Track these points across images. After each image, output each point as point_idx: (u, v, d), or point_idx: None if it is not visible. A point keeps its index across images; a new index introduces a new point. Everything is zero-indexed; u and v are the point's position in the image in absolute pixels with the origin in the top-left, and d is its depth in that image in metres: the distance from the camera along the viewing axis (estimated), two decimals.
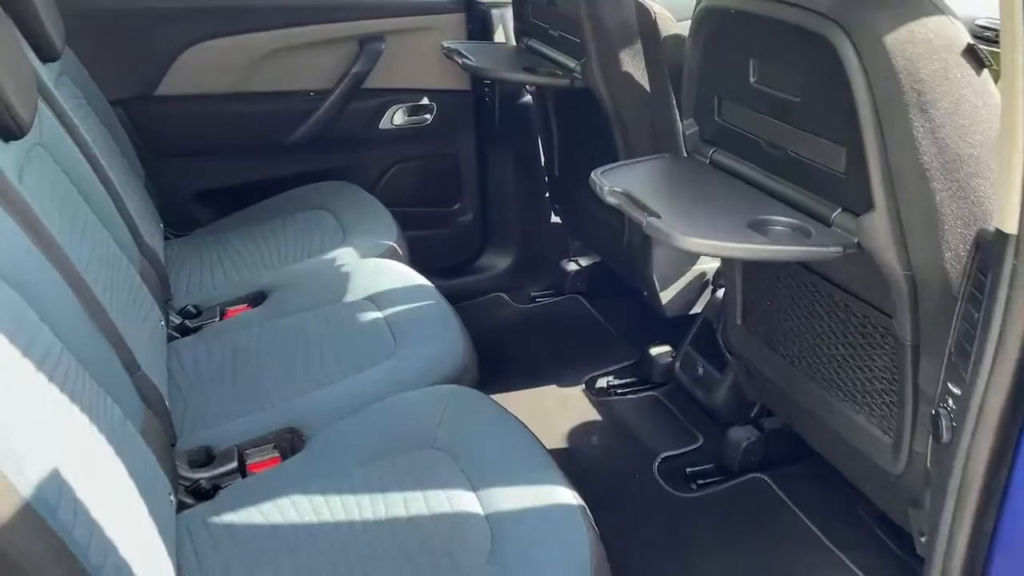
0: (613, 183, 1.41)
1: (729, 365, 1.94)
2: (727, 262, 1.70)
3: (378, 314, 1.81)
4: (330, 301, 1.88)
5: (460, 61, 2.13)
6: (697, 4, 1.45)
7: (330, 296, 1.90)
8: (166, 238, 2.30)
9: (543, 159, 2.65)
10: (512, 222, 2.81)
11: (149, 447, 1.24)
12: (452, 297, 2.71)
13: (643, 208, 1.32)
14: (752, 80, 1.38)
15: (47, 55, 1.80)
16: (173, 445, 1.47)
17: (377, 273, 1.97)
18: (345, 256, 2.06)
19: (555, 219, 2.76)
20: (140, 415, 1.29)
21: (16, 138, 1.34)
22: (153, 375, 1.52)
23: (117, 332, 1.37)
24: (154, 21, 2.32)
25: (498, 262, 2.84)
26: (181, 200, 2.46)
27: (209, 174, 2.49)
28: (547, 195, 2.72)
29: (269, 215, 2.33)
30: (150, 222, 2.09)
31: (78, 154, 1.66)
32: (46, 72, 1.81)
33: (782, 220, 1.29)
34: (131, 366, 1.37)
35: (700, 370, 2.12)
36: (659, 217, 1.27)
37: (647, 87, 1.92)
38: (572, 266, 2.79)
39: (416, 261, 2.64)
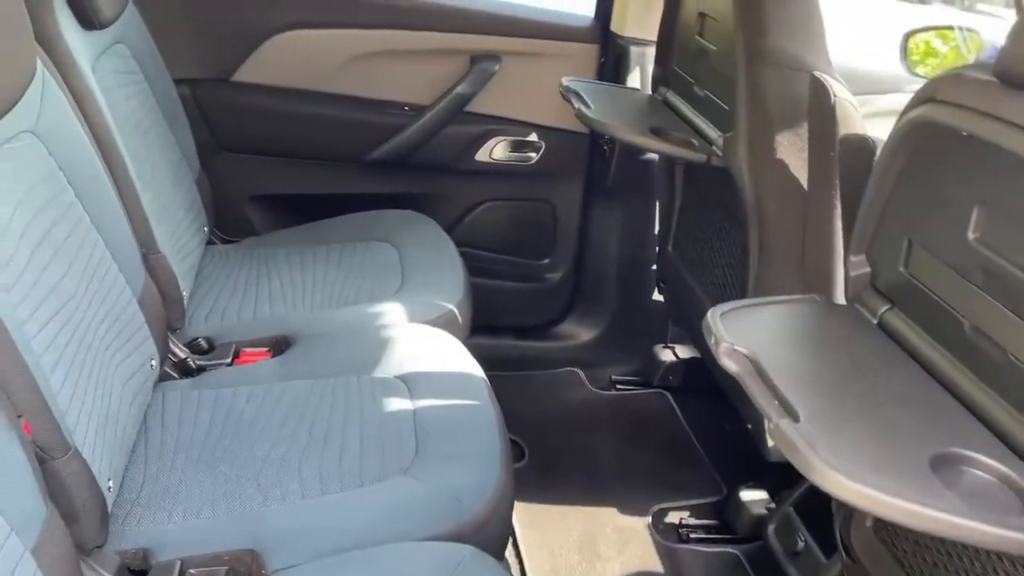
0: (735, 336, 1.00)
1: (840, 553, 1.49)
2: None
3: (407, 404, 1.45)
4: (357, 370, 1.54)
5: (576, 106, 1.74)
6: (905, 112, 1.01)
7: (359, 364, 1.56)
8: (211, 242, 2.01)
9: (657, 227, 2.23)
10: (607, 290, 2.40)
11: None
12: (522, 362, 2.40)
13: (774, 394, 0.90)
14: (971, 235, 0.94)
15: (88, 22, 1.52)
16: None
17: (422, 347, 1.61)
18: (392, 314, 1.71)
19: (658, 297, 2.34)
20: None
21: None
22: (130, 418, 1.31)
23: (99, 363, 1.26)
24: None
25: (582, 332, 2.43)
26: (236, 202, 2.17)
27: (272, 178, 2.18)
28: (654, 268, 2.30)
29: (327, 237, 2.01)
30: (186, 228, 1.80)
31: (87, 145, 1.36)
32: (85, 40, 1.53)
33: (984, 463, 0.85)
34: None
35: (800, 543, 1.67)
36: (797, 420, 0.85)
37: (804, 186, 1.48)
38: (667, 355, 2.37)
39: (489, 312, 2.31)
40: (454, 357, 1.60)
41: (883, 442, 0.86)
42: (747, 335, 1.01)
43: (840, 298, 1.19)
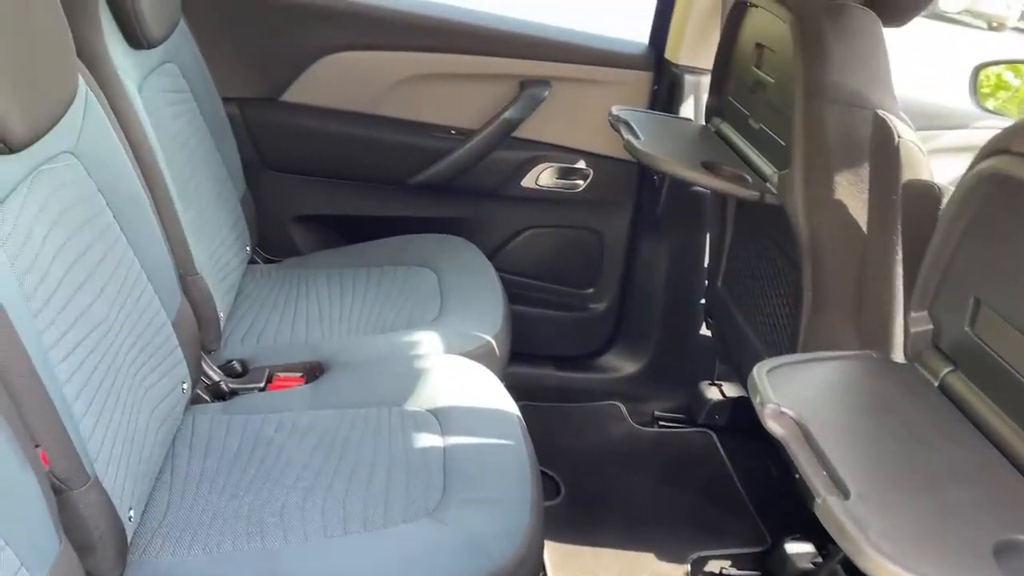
0: (783, 396, 0.93)
1: None
2: None
3: (437, 440, 1.41)
4: (389, 402, 1.50)
5: (625, 137, 1.69)
6: (976, 162, 0.94)
7: (391, 396, 1.52)
8: (253, 261, 2.01)
9: (707, 260, 2.16)
10: (653, 323, 2.33)
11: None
12: (561, 393, 2.34)
13: (822, 464, 0.83)
14: None
15: (137, 41, 1.52)
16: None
17: (456, 380, 1.56)
18: (428, 344, 1.67)
19: (705, 332, 2.26)
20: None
21: (9, 151, 1.03)
22: (156, 445, 1.28)
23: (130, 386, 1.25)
24: (297, 18, 2.02)
25: (625, 365, 2.36)
26: (280, 221, 2.16)
27: (316, 198, 2.17)
28: (702, 302, 2.23)
29: (368, 260, 1.99)
30: (228, 247, 1.79)
31: (128, 166, 1.35)
32: (134, 59, 1.53)
33: None
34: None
35: None
36: (847, 496, 0.78)
37: (863, 228, 1.40)
38: (713, 393, 2.28)
39: (529, 341, 2.26)
40: (488, 392, 1.55)
41: (941, 525, 0.79)
42: (795, 395, 0.94)
43: (898, 354, 1.11)
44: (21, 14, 1.05)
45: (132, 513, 1.18)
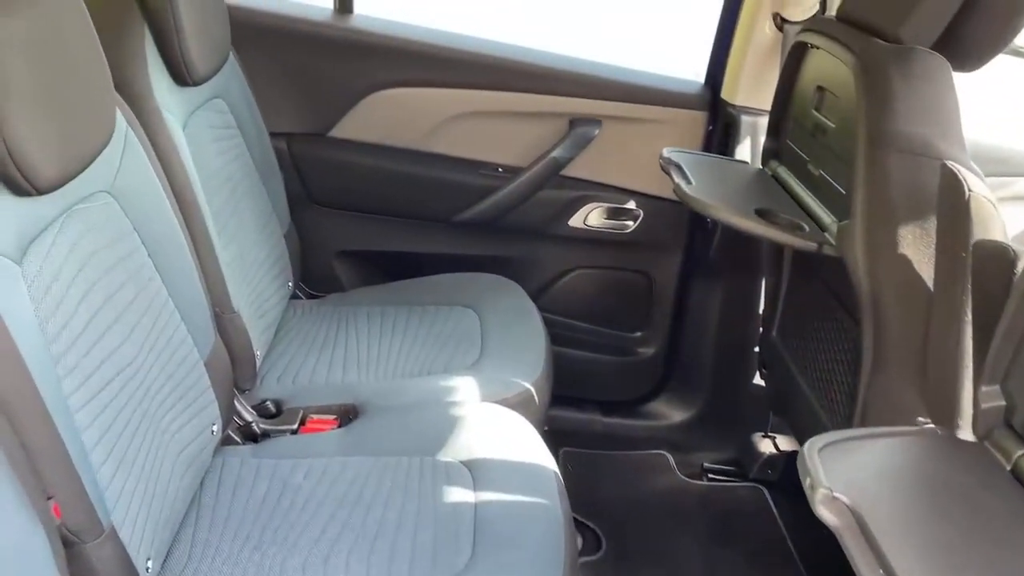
0: (836, 479, 0.85)
1: None
2: None
3: (468, 495, 1.35)
4: (421, 451, 1.46)
5: (676, 181, 1.62)
6: None
7: (424, 444, 1.47)
8: (296, 296, 1.99)
9: (762, 307, 2.06)
10: (704, 370, 2.24)
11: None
12: (606, 440, 2.26)
13: (878, 560, 0.75)
14: None
15: (182, 79, 1.52)
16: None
17: (492, 430, 1.51)
18: (465, 390, 1.62)
19: (759, 381, 2.16)
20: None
21: (29, 195, 1.01)
22: (181, 490, 1.26)
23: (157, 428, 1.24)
24: (347, 55, 2.01)
25: (674, 413, 2.28)
26: (323, 256, 2.14)
27: (361, 234, 2.15)
28: (756, 350, 2.13)
29: (411, 298, 1.96)
30: (268, 283, 1.77)
31: (166, 204, 1.34)
32: (180, 96, 1.53)
33: None
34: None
35: None
36: None
37: (929, 286, 1.31)
38: (766, 446, 2.18)
39: (574, 384, 2.20)
40: (525, 444, 1.49)
41: None
42: (850, 477, 0.86)
43: (966, 430, 1.01)
44: (58, 56, 1.05)
45: (151, 564, 1.14)
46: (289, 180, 2.00)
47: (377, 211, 2.13)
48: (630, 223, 2.12)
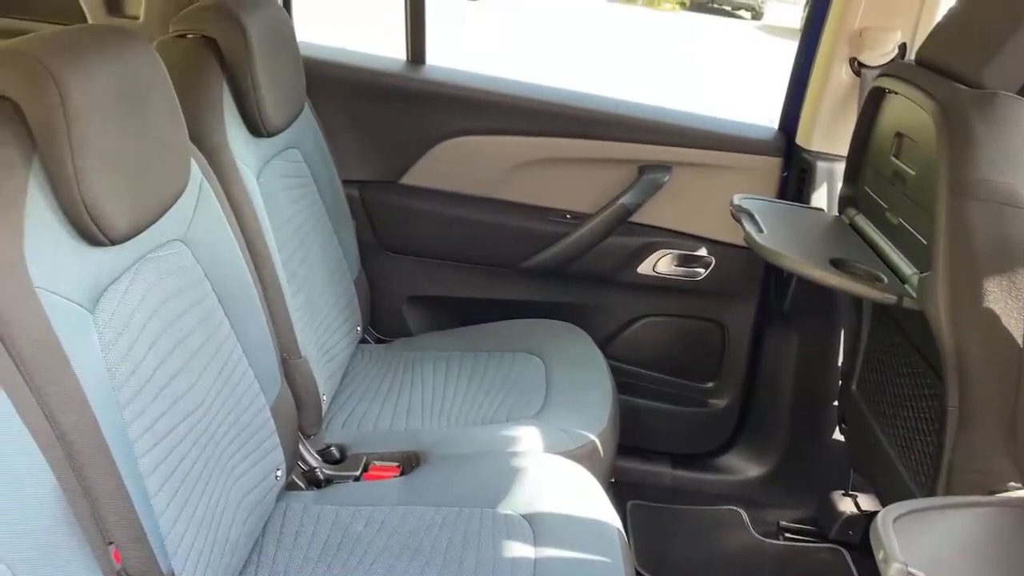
0: (912, 552, 0.79)
1: None
2: None
3: (528, 551, 1.32)
4: (482, 503, 1.43)
5: (746, 229, 1.58)
6: None
7: (485, 496, 1.45)
8: (365, 341, 2.01)
9: (841, 359, 1.98)
10: (780, 423, 2.16)
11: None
12: (676, 494, 2.19)
13: None
14: None
15: (257, 131, 1.56)
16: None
17: (554, 484, 1.47)
18: (528, 440, 1.59)
19: (839, 437, 2.06)
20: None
21: (102, 245, 1.05)
22: (243, 536, 1.27)
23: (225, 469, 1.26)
24: (419, 105, 2.05)
25: (748, 468, 2.19)
26: (393, 302, 2.16)
27: (429, 280, 2.16)
28: (835, 404, 2.04)
29: (477, 344, 1.95)
30: (336, 329, 1.80)
31: (237, 252, 1.37)
32: (255, 148, 1.57)
33: None
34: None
35: None
36: None
37: (1018, 342, 1.23)
38: (847, 505, 2.07)
39: (642, 435, 2.15)
40: (588, 499, 1.45)
41: None
42: (928, 551, 0.80)
43: None
44: (136, 111, 1.09)
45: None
46: (361, 227, 2.04)
47: (446, 257, 2.14)
48: (701, 270, 2.08)
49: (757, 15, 16.59)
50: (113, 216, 1.03)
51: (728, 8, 16.81)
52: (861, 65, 1.86)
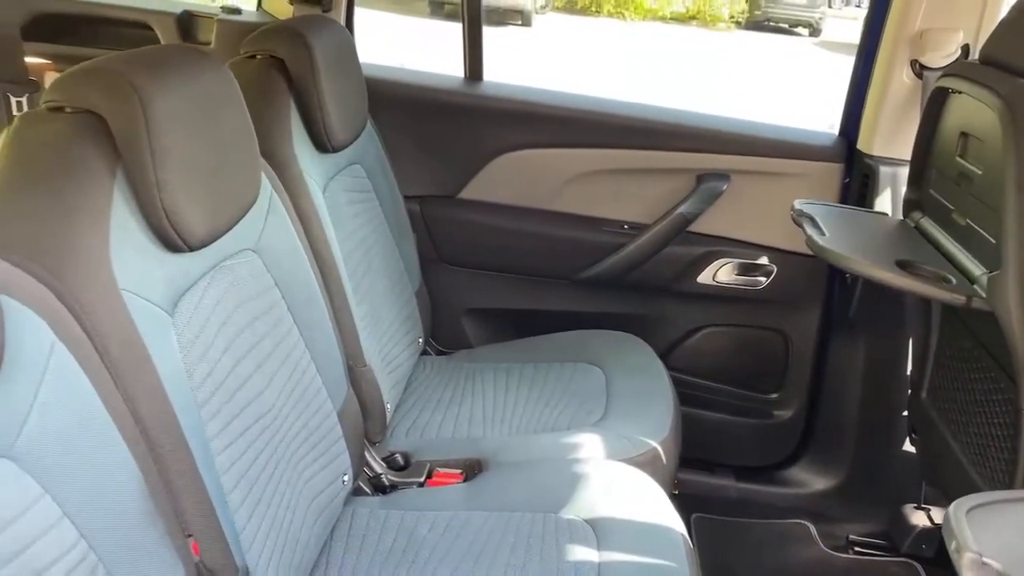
0: (986, 543, 0.77)
1: None
2: None
3: (592, 555, 1.32)
4: (545, 508, 1.44)
5: (808, 233, 1.56)
6: None
7: (548, 501, 1.46)
8: (426, 352, 2.04)
9: (909, 367, 1.94)
10: (847, 435, 2.11)
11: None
12: (741, 507, 2.16)
13: None
14: None
15: (323, 147, 1.62)
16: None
17: (617, 489, 1.47)
18: (590, 447, 1.60)
19: (910, 448, 2.01)
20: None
21: (181, 251, 1.10)
22: (312, 538, 1.30)
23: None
24: (477, 120, 2.10)
25: (814, 481, 2.15)
26: (453, 314, 2.19)
27: (488, 292, 2.19)
28: (904, 414, 1.99)
29: (536, 355, 1.97)
30: (399, 340, 1.83)
31: (306, 262, 1.42)
32: (321, 163, 1.63)
33: None
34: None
35: None
36: None
37: None
38: (919, 518, 2.01)
39: (705, 447, 2.13)
40: (652, 504, 1.45)
41: None
42: (1003, 542, 0.78)
43: None
44: (212, 126, 1.14)
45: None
46: (421, 241, 2.08)
47: (505, 270, 2.17)
48: (763, 279, 2.06)
49: (815, 32, 16.36)
50: (191, 223, 1.08)
51: (785, 26, 16.64)
52: (923, 67, 1.83)
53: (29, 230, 0.94)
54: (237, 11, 2.24)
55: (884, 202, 1.88)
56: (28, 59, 1.91)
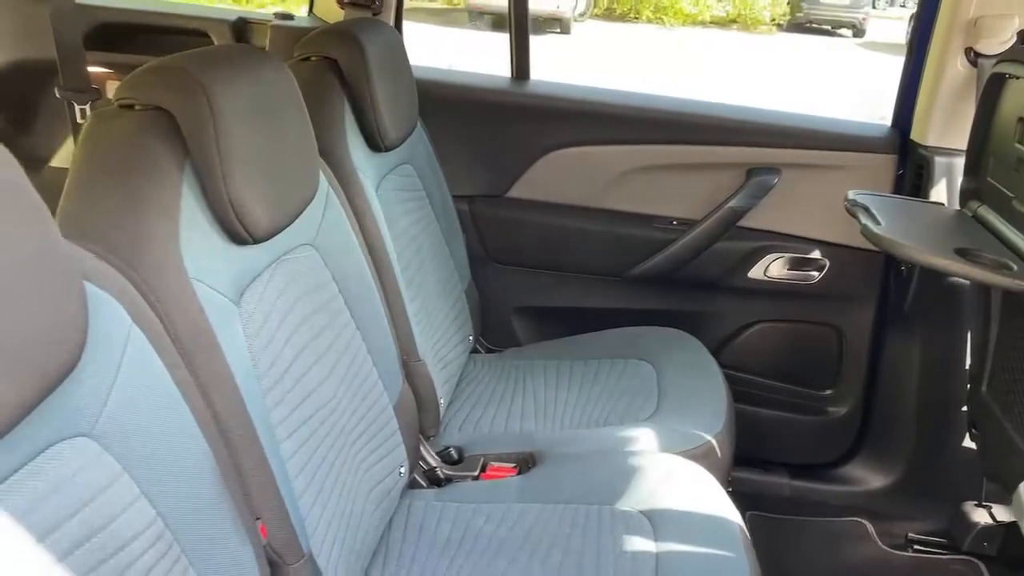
0: None
1: None
2: None
3: (649, 545, 1.32)
4: (599, 500, 1.44)
5: (863, 222, 1.55)
6: None
7: (602, 493, 1.46)
8: (476, 351, 2.06)
9: (968, 362, 1.90)
10: (904, 431, 2.07)
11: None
12: (796, 506, 2.13)
13: None
14: None
15: (375, 146, 1.65)
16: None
17: (672, 481, 1.47)
18: (643, 441, 1.60)
19: (969, 444, 1.97)
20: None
21: (246, 243, 1.13)
22: (371, 527, 1.31)
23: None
24: (524, 119, 2.11)
25: (871, 478, 2.11)
26: (502, 312, 2.20)
27: (537, 290, 2.20)
28: (963, 409, 1.95)
29: (586, 352, 1.97)
30: (450, 337, 1.85)
31: (361, 258, 1.45)
32: (373, 161, 1.66)
33: None
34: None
35: None
36: None
37: None
38: (981, 516, 1.95)
39: (759, 444, 2.11)
40: (708, 496, 1.44)
41: None
42: None
43: None
44: (273, 122, 1.18)
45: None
46: (470, 240, 2.10)
47: (553, 268, 2.18)
48: (815, 273, 2.04)
49: (859, 32, 16.12)
50: (256, 216, 1.11)
51: (828, 27, 16.42)
52: (977, 55, 1.80)
53: (104, 221, 0.98)
54: (289, 16, 2.29)
55: (940, 193, 1.85)
56: (90, 68, 1.98)
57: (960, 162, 1.75)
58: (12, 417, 0.68)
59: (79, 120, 1.94)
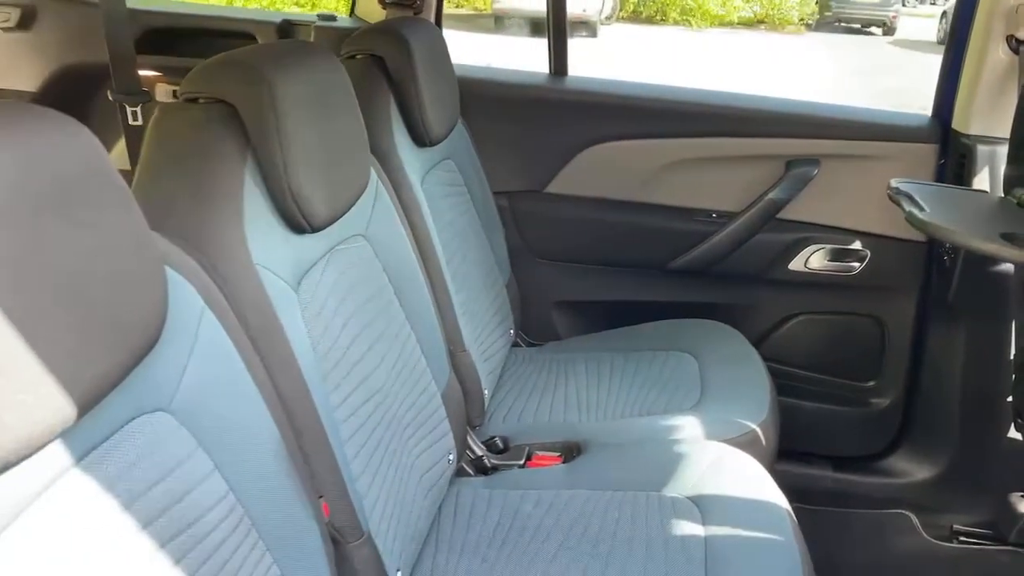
0: None
1: None
2: None
3: (698, 530, 1.34)
4: (646, 486, 1.46)
5: (907, 210, 1.55)
6: None
7: (649, 480, 1.48)
8: (516, 344, 2.08)
9: (1013, 351, 1.89)
10: (948, 422, 2.06)
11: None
12: (839, 498, 2.13)
13: None
14: None
15: (420, 141, 1.68)
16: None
17: (718, 468, 1.48)
18: (688, 429, 1.61)
19: (1015, 434, 1.96)
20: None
21: (304, 232, 1.16)
22: (424, 511, 1.35)
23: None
24: (563, 115, 2.14)
25: (915, 470, 2.10)
26: (542, 306, 2.22)
27: (577, 284, 2.22)
28: (1009, 399, 1.94)
29: (627, 345, 1.99)
30: (492, 329, 1.88)
31: (409, 250, 1.48)
32: (418, 156, 1.69)
33: None
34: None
35: None
36: None
37: None
38: None
39: (801, 437, 2.10)
40: (755, 482, 1.45)
41: None
42: None
43: None
44: (328, 115, 1.21)
45: (400, 574, 1.23)
46: (510, 235, 2.13)
47: (593, 262, 2.19)
48: (856, 264, 2.04)
49: (889, 30, 15.95)
50: (314, 205, 1.14)
51: (857, 26, 16.27)
52: (1019, 42, 1.79)
53: (173, 208, 1.02)
54: (332, 18, 2.34)
55: (982, 181, 1.84)
56: (141, 72, 2.03)
57: (1003, 150, 1.74)
58: (102, 389, 0.72)
59: (131, 122, 2.00)
